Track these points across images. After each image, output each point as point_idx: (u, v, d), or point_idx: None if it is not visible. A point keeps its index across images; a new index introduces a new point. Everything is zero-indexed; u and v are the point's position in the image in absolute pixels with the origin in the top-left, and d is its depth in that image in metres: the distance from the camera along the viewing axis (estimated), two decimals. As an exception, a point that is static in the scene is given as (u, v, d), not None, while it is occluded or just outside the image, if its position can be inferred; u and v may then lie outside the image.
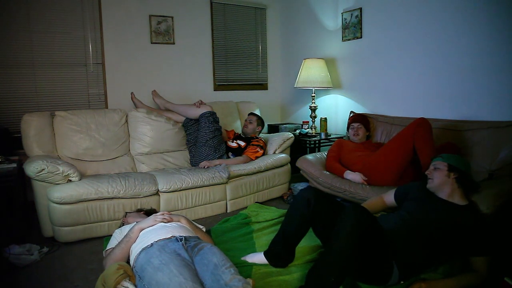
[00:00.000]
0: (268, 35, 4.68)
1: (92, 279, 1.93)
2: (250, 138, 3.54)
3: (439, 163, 1.88)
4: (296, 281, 1.78)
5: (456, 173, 1.83)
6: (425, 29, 3.00)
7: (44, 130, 2.81)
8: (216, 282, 1.45)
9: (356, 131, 3.08)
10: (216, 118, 3.27)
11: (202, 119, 3.21)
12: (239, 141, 3.48)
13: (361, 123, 3.11)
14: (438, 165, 1.88)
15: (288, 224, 1.88)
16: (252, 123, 3.62)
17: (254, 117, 3.66)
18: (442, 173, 1.84)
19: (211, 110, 3.24)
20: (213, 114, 3.24)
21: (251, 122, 3.63)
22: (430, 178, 1.89)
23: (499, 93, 2.56)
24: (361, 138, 3.07)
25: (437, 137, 2.58)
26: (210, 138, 3.19)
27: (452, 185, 1.83)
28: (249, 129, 3.61)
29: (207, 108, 3.24)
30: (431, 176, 1.89)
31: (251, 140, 3.49)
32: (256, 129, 3.64)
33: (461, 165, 1.85)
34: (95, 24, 3.54)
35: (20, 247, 2.21)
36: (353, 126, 3.12)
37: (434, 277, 1.74)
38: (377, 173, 2.57)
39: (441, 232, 1.73)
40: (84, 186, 2.46)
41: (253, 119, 3.64)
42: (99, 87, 3.62)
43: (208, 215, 2.99)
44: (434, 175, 1.87)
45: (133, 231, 1.84)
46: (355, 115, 3.29)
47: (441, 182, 1.84)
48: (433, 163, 1.92)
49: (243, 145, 3.44)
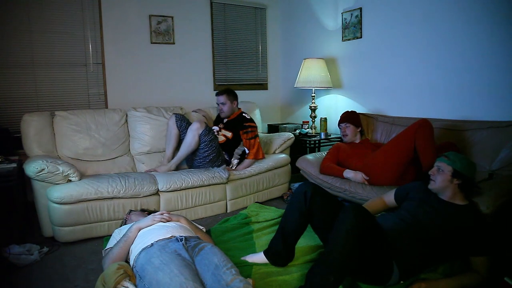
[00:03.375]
0: (268, 35, 4.68)
1: (92, 279, 1.93)
2: (234, 122, 3.23)
3: (444, 166, 1.80)
4: (296, 281, 1.78)
5: (459, 180, 1.77)
6: (425, 29, 3.00)
7: (44, 130, 2.81)
8: (217, 283, 1.45)
9: (344, 131, 3.05)
10: (206, 130, 2.91)
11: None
12: (225, 132, 3.22)
13: (348, 121, 3.04)
14: (443, 167, 1.81)
15: (287, 220, 1.88)
16: (226, 104, 3.20)
17: (222, 97, 3.20)
18: (445, 177, 1.78)
19: (200, 129, 2.88)
20: (205, 131, 2.90)
21: (223, 103, 3.20)
22: (432, 180, 1.85)
23: (499, 93, 2.56)
24: (350, 137, 3.02)
25: (437, 137, 2.57)
26: (209, 154, 3.00)
27: (453, 190, 1.79)
28: (226, 112, 3.24)
29: (198, 129, 2.88)
30: (433, 178, 1.84)
31: (239, 128, 3.17)
32: (233, 107, 3.25)
33: (467, 170, 1.78)
34: (95, 24, 3.54)
35: (20, 247, 2.21)
36: (340, 127, 3.10)
37: (434, 277, 1.74)
38: (378, 173, 2.57)
39: (441, 232, 1.73)
40: (84, 186, 2.46)
41: (223, 99, 3.19)
42: (99, 87, 3.62)
43: (208, 215, 2.99)
44: (437, 177, 1.81)
45: (132, 230, 1.84)
46: (341, 115, 3.16)
47: (442, 186, 1.80)
48: (438, 163, 1.85)
49: (230, 135, 3.19)
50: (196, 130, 2.88)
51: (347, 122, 3.06)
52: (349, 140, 3.03)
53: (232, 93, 3.27)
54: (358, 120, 3.10)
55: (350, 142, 3.05)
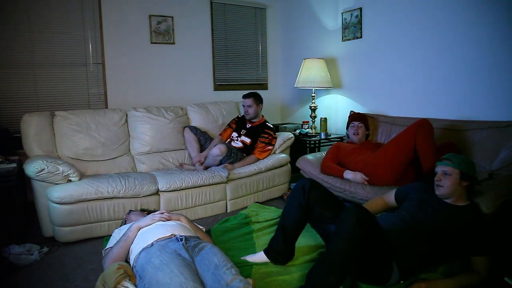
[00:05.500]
0: (268, 35, 4.68)
1: (92, 279, 1.93)
2: (257, 129, 3.38)
3: (450, 169, 1.76)
4: (296, 281, 1.78)
5: (467, 181, 1.76)
6: (425, 29, 3.01)
7: (44, 130, 2.81)
8: (217, 283, 1.45)
9: (357, 129, 3.02)
10: (229, 152, 3.09)
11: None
12: (244, 138, 3.35)
13: (362, 122, 3.05)
14: (449, 171, 1.76)
15: (286, 216, 1.89)
16: (252, 107, 3.35)
17: (249, 99, 3.36)
18: (454, 180, 1.75)
19: (224, 151, 3.03)
20: (227, 155, 3.07)
21: (249, 106, 3.36)
22: (440, 186, 1.79)
23: (499, 93, 2.56)
24: (360, 137, 3.02)
25: (437, 137, 2.57)
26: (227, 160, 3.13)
27: (460, 192, 1.78)
28: (251, 114, 3.37)
29: (221, 153, 3.02)
30: (441, 183, 1.78)
31: (259, 135, 3.34)
32: (258, 110, 3.40)
33: (472, 171, 1.77)
34: (95, 24, 3.54)
35: (20, 247, 2.21)
36: (353, 125, 3.05)
37: (434, 277, 1.74)
38: (378, 173, 2.57)
39: (441, 232, 1.73)
40: (84, 186, 2.46)
41: (249, 102, 3.35)
42: (99, 87, 3.62)
43: (208, 215, 2.99)
44: (445, 182, 1.77)
45: (131, 230, 1.84)
46: (355, 113, 3.23)
47: (452, 190, 1.76)
48: (442, 168, 1.81)
49: (249, 142, 3.33)
50: (216, 156, 3.04)
51: (360, 121, 3.05)
52: (358, 141, 3.01)
53: (258, 97, 3.43)
54: (368, 124, 3.13)
55: (353, 142, 3.05)
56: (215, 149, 3.02)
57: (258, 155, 3.31)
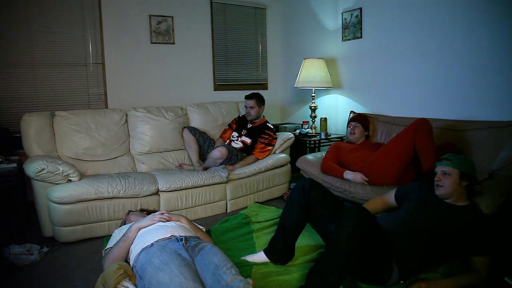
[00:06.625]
0: (268, 35, 4.68)
1: (92, 279, 1.93)
2: (257, 130, 3.39)
3: (450, 169, 1.77)
4: (296, 281, 1.78)
5: (467, 181, 1.76)
6: (425, 29, 3.01)
7: (44, 130, 2.81)
8: (217, 283, 1.45)
9: (353, 129, 3.05)
10: (230, 155, 3.09)
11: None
12: (245, 138, 3.36)
13: (359, 122, 3.08)
14: (448, 171, 1.77)
15: (286, 215, 1.90)
16: (254, 108, 3.37)
17: (252, 101, 3.37)
18: (453, 180, 1.76)
19: (224, 154, 3.03)
20: (228, 157, 3.08)
21: (252, 107, 3.37)
22: (440, 186, 1.80)
23: (499, 93, 2.56)
24: (357, 137, 3.03)
25: (437, 137, 2.58)
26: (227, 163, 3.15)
27: (460, 192, 1.78)
28: (253, 115, 3.39)
29: (222, 156, 3.03)
30: (441, 183, 1.79)
31: (259, 135, 3.36)
32: (260, 111, 3.42)
33: (471, 170, 1.77)
34: (95, 24, 3.54)
35: (20, 247, 2.22)
36: (350, 125, 3.10)
37: (434, 277, 1.74)
38: (378, 173, 2.57)
39: (441, 232, 1.73)
40: (84, 186, 2.46)
41: (252, 103, 3.37)
42: (99, 87, 3.62)
43: (208, 215, 2.99)
44: (445, 182, 1.78)
45: (131, 230, 1.84)
46: (355, 114, 3.26)
47: (452, 190, 1.77)
48: (441, 168, 1.81)
49: (249, 142, 3.34)
50: (216, 159, 3.05)
51: (357, 122, 3.09)
52: (355, 140, 3.04)
53: (261, 98, 3.45)
54: (368, 125, 3.14)
55: (352, 142, 3.06)
56: (215, 151, 3.02)
57: (258, 155, 3.32)
